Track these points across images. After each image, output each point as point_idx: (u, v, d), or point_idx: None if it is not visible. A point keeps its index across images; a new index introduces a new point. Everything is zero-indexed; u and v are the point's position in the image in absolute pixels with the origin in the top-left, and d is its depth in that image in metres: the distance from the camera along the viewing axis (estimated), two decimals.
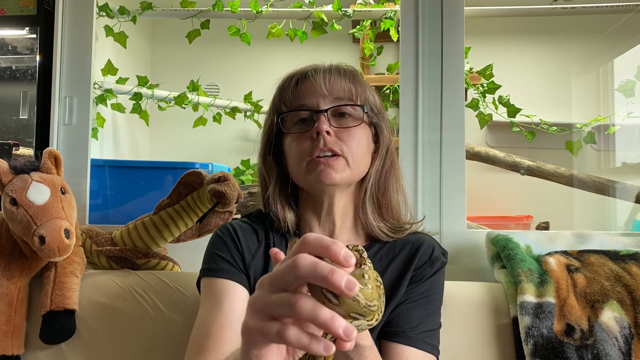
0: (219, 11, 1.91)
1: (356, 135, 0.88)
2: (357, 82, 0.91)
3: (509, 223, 2.21)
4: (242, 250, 0.89)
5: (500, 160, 1.95)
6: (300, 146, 0.87)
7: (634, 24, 2.05)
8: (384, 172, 0.93)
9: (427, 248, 0.91)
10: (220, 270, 0.86)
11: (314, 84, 0.88)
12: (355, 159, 0.87)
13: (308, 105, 0.88)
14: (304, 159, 0.87)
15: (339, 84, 0.89)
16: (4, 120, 1.64)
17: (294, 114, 0.90)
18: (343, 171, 0.86)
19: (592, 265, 1.12)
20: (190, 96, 2.06)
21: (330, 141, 0.85)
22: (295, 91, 0.90)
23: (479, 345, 1.06)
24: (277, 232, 0.93)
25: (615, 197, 1.83)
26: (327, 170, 0.85)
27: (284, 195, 0.93)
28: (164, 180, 1.68)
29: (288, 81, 0.91)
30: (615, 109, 1.94)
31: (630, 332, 1.02)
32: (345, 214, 0.92)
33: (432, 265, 0.89)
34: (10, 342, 1.10)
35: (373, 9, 1.99)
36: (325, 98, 0.88)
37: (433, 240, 0.94)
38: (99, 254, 1.26)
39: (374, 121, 0.92)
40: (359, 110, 0.89)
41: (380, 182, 0.93)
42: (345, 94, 0.89)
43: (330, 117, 0.87)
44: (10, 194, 1.10)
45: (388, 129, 0.94)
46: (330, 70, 0.90)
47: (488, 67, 1.75)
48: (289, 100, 0.90)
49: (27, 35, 1.62)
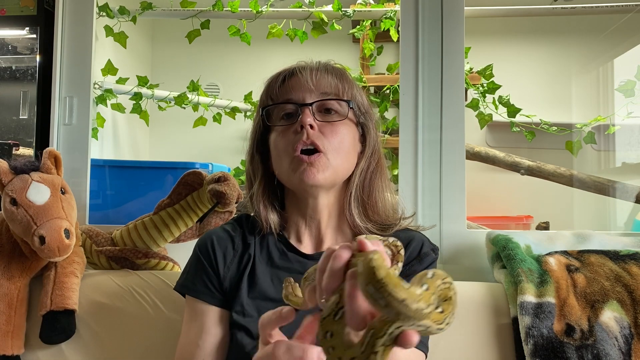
0: (219, 11, 1.91)
1: (340, 131, 0.87)
2: (345, 79, 0.91)
3: (509, 223, 2.21)
4: (217, 267, 0.90)
5: (500, 160, 1.95)
6: (284, 140, 0.87)
7: (634, 24, 2.05)
8: (369, 172, 0.92)
9: (417, 245, 0.90)
10: (204, 293, 0.89)
11: (300, 79, 0.89)
12: (336, 156, 0.86)
13: (294, 99, 0.88)
14: (288, 155, 0.86)
15: (325, 79, 0.89)
16: (4, 120, 1.64)
17: (279, 108, 0.90)
18: (325, 170, 0.85)
19: (592, 265, 1.12)
20: (190, 96, 2.06)
21: (313, 135, 0.85)
22: (282, 86, 0.90)
23: (479, 345, 1.06)
24: (259, 234, 0.92)
25: (615, 197, 1.83)
26: (310, 169, 0.84)
27: (267, 195, 0.93)
28: (164, 180, 1.68)
29: (275, 78, 0.92)
30: (615, 109, 1.94)
31: (630, 332, 1.02)
32: (330, 214, 0.92)
33: (421, 262, 0.88)
34: (10, 342, 1.10)
35: (373, 9, 1.99)
36: (312, 93, 0.88)
37: (423, 236, 0.94)
38: (99, 254, 1.26)
39: (361, 121, 0.92)
40: (345, 106, 0.89)
41: (365, 183, 0.92)
42: (332, 90, 0.89)
43: (315, 112, 0.87)
44: (10, 194, 1.10)
45: (375, 130, 0.94)
46: (318, 67, 0.91)
47: (488, 67, 1.75)
48: (276, 95, 0.90)
49: (27, 35, 1.62)
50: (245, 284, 0.87)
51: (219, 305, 0.88)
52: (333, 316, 0.49)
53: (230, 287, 0.88)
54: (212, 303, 0.88)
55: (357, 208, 0.91)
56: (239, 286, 0.87)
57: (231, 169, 2.21)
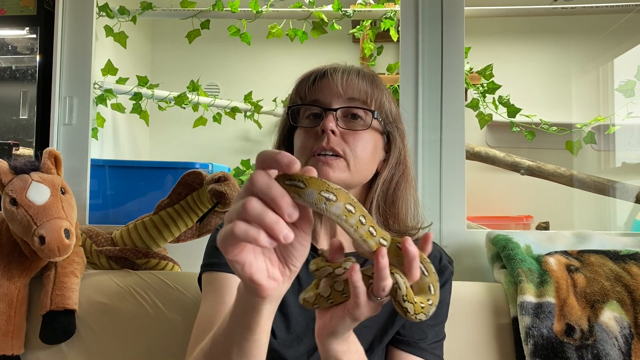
0: (219, 11, 1.91)
1: (362, 139, 0.86)
2: (375, 85, 0.90)
3: (509, 223, 2.21)
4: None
5: (500, 160, 1.94)
6: (305, 141, 0.87)
7: (634, 24, 2.05)
8: (393, 183, 0.91)
9: (435, 257, 0.91)
10: (221, 264, 0.87)
11: (330, 82, 0.88)
12: (357, 163, 0.85)
13: (321, 101, 0.88)
14: (305, 154, 0.86)
15: (355, 84, 0.88)
16: (4, 120, 1.64)
17: (306, 108, 0.90)
18: (341, 172, 0.84)
19: (592, 265, 1.12)
20: (190, 96, 2.06)
21: (334, 141, 0.84)
22: (312, 87, 0.89)
23: (479, 345, 1.06)
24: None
25: (615, 197, 1.83)
26: (325, 168, 0.83)
27: None
28: (164, 180, 1.68)
29: (307, 77, 0.91)
30: (615, 109, 1.94)
31: (630, 332, 1.02)
32: None
33: (441, 275, 0.88)
34: (10, 342, 1.10)
35: (373, 9, 1.99)
36: (339, 98, 0.87)
37: (440, 248, 0.94)
38: (99, 254, 1.26)
39: (387, 129, 0.91)
40: (370, 115, 0.88)
41: (389, 193, 0.91)
42: (360, 96, 0.88)
43: (339, 117, 0.86)
44: (10, 194, 1.10)
45: (402, 139, 0.93)
46: (350, 71, 0.90)
47: (488, 67, 1.75)
48: (304, 95, 0.90)
49: (27, 35, 1.62)
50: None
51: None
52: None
53: None
54: (232, 272, 0.85)
55: (377, 216, 0.90)
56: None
57: (231, 169, 2.21)
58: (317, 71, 0.91)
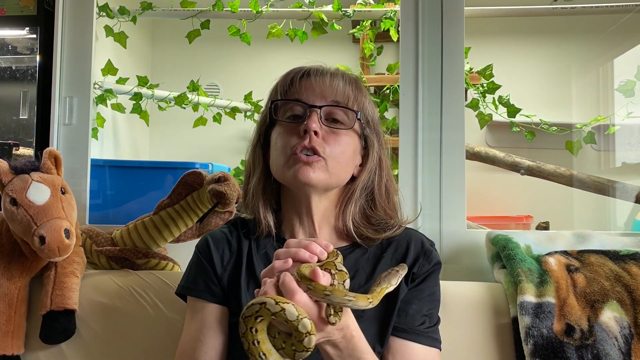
0: (219, 11, 1.91)
1: (342, 141, 0.88)
2: (359, 89, 0.91)
3: (509, 223, 2.21)
4: (215, 267, 0.90)
5: (500, 160, 1.94)
6: (286, 140, 0.87)
7: (634, 24, 2.05)
8: (374, 186, 0.93)
9: (416, 243, 0.92)
10: (200, 291, 0.90)
11: (314, 82, 0.88)
12: (335, 165, 0.86)
13: (304, 100, 0.88)
14: (286, 153, 0.86)
15: (339, 86, 0.88)
16: (4, 120, 1.64)
17: (287, 106, 0.90)
18: (320, 172, 0.85)
19: (592, 265, 1.12)
20: (190, 96, 2.06)
21: (315, 141, 0.85)
22: (295, 84, 0.90)
23: (479, 345, 1.06)
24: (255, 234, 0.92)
25: (615, 197, 1.82)
26: (305, 168, 0.84)
27: (265, 192, 0.93)
28: (164, 180, 1.68)
29: (291, 75, 0.91)
30: (615, 109, 1.94)
31: (630, 332, 1.02)
32: (324, 216, 0.92)
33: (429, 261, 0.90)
34: (10, 342, 1.10)
35: (373, 9, 1.99)
36: (323, 99, 0.88)
37: (418, 233, 0.95)
38: (99, 254, 1.26)
39: (365, 133, 0.92)
40: (352, 116, 0.89)
41: (369, 197, 0.93)
42: (343, 99, 0.88)
43: (322, 117, 0.87)
44: (11, 194, 1.10)
45: (381, 145, 0.94)
46: (334, 73, 0.90)
47: (488, 67, 1.75)
48: (286, 92, 0.90)
49: (27, 35, 1.62)
50: (244, 284, 0.88)
51: (220, 303, 0.88)
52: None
53: (228, 287, 0.89)
54: (212, 301, 0.88)
55: (359, 217, 0.92)
56: (238, 287, 0.88)
57: (231, 169, 2.21)
58: (300, 70, 0.91)
